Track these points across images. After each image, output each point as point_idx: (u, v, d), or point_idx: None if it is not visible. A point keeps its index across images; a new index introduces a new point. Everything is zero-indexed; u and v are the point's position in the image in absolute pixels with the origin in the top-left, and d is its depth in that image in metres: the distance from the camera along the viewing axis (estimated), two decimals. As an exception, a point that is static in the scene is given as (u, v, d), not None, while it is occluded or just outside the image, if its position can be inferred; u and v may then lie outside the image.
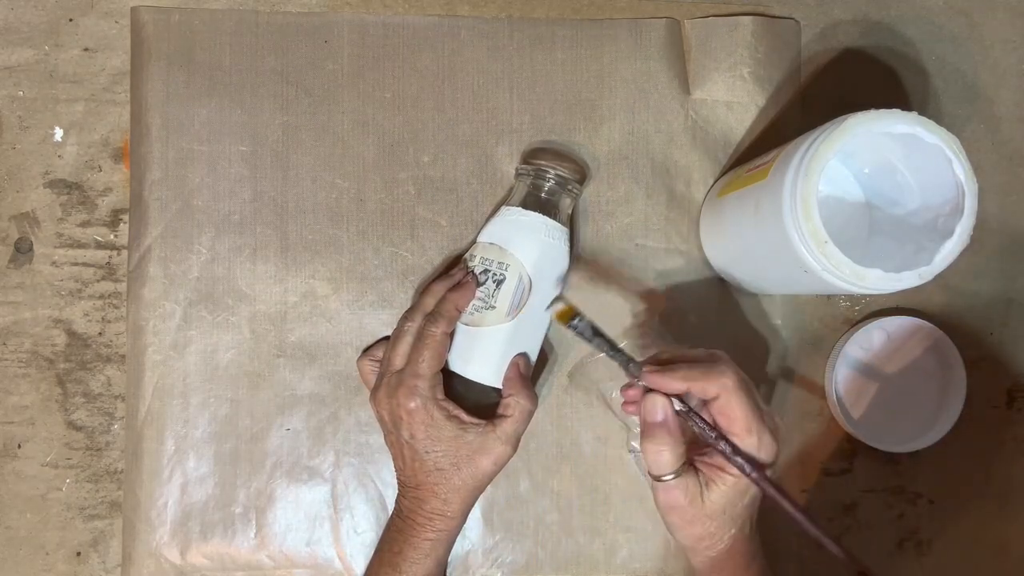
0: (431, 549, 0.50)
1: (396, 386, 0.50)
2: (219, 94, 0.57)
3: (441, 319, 0.50)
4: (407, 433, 0.50)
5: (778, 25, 0.59)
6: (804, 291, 0.57)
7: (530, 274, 0.52)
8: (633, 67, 0.58)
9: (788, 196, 0.43)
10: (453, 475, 0.50)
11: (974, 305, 0.60)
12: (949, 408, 0.58)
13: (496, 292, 0.52)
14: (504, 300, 0.52)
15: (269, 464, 0.57)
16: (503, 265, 0.52)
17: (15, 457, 0.57)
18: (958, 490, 0.60)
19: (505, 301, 0.52)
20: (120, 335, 0.58)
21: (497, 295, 0.52)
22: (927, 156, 0.45)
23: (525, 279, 0.52)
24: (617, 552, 0.58)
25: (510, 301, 0.52)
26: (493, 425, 0.50)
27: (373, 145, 0.58)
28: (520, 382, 0.52)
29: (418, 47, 0.58)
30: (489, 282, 0.52)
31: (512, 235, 0.53)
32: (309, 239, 0.58)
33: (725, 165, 0.59)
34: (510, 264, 0.52)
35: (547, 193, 0.54)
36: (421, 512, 0.50)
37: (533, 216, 0.53)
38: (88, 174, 0.58)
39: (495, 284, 0.52)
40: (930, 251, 0.44)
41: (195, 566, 0.56)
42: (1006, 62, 0.61)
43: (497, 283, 0.52)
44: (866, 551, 0.59)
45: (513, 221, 0.53)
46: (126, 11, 0.58)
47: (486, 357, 0.52)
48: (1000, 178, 0.60)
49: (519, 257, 0.52)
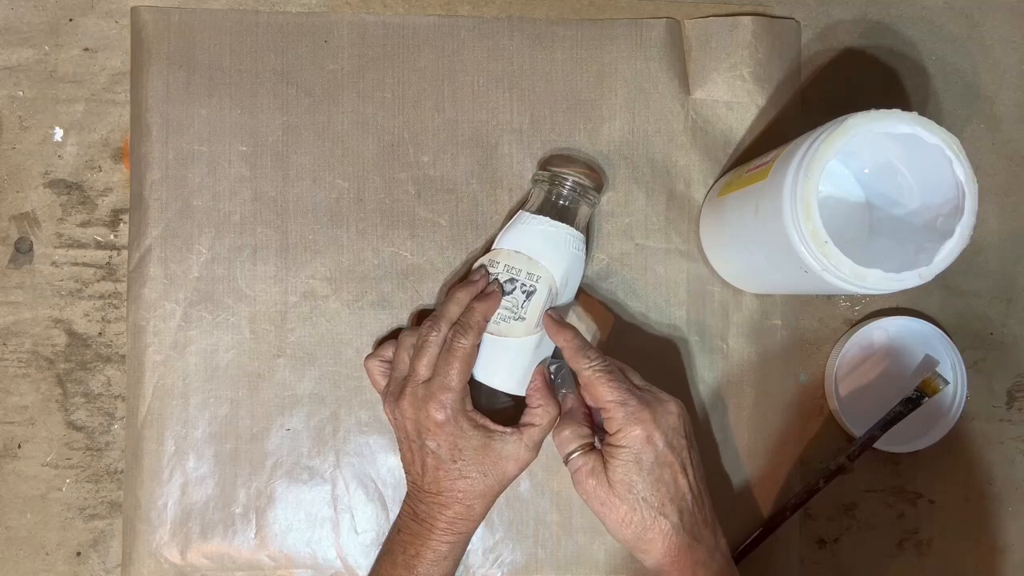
0: (450, 551, 0.51)
1: (425, 398, 0.50)
2: (219, 94, 0.57)
3: (470, 331, 0.50)
4: (433, 444, 0.50)
5: (778, 25, 0.59)
6: (804, 291, 0.57)
7: (558, 286, 0.52)
8: (633, 67, 0.58)
9: (788, 196, 0.43)
10: (479, 482, 0.50)
11: (974, 305, 0.60)
12: (949, 408, 0.58)
13: (526, 303, 0.52)
14: (534, 312, 0.52)
15: (269, 464, 0.57)
16: (533, 276, 0.52)
17: (15, 457, 0.57)
18: (958, 490, 0.60)
19: (535, 313, 0.52)
20: (120, 335, 0.58)
21: (527, 306, 0.52)
22: (927, 156, 0.45)
23: (554, 291, 0.52)
24: (617, 552, 0.58)
25: (540, 313, 0.52)
26: (520, 433, 0.51)
27: (373, 145, 0.58)
28: (547, 391, 0.52)
29: (418, 47, 0.58)
30: (517, 292, 0.52)
31: (541, 246, 0.52)
32: (309, 239, 0.58)
33: (725, 165, 0.59)
34: (541, 276, 0.52)
35: (566, 200, 0.54)
36: (443, 517, 0.50)
37: (561, 227, 0.52)
38: (88, 174, 0.58)
39: (524, 295, 0.52)
40: (930, 251, 0.44)
41: (195, 566, 0.56)
42: (1006, 62, 0.61)
43: (527, 294, 0.52)
44: (866, 551, 0.59)
45: (541, 231, 0.52)
46: (126, 11, 0.58)
47: (513, 368, 0.52)
48: (1000, 178, 0.60)
49: (550, 269, 0.52)
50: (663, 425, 0.47)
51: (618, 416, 0.47)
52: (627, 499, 0.46)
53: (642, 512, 0.46)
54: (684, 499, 0.47)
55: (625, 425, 0.47)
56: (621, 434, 0.47)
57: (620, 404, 0.47)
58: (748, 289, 0.58)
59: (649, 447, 0.47)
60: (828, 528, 0.59)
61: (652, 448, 0.47)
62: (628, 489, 0.46)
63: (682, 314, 0.58)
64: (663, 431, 0.47)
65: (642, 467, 0.46)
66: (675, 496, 0.47)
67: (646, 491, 0.46)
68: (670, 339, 0.58)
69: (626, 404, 0.47)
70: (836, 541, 0.59)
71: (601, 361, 0.49)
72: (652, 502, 0.46)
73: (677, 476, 0.47)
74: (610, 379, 0.48)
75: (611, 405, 0.47)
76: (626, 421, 0.47)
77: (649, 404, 0.47)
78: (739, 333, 0.59)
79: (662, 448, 0.47)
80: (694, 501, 0.47)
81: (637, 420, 0.47)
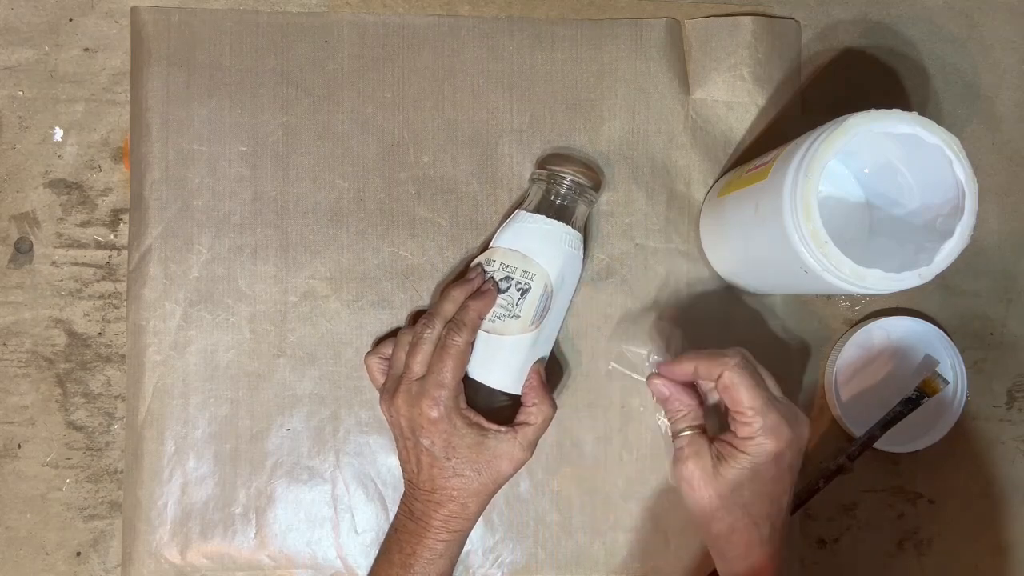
0: (446, 550, 0.51)
1: (418, 395, 0.50)
2: (219, 94, 0.57)
3: (464, 328, 0.50)
4: (427, 441, 0.50)
5: (778, 25, 0.59)
6: (804, 291, 0.57)
7: (553, 284, 0.52)
8: (633, 67, 0.58)
9: (788, 196, 0.43)
10: (473, 480, 0.50)
11: (974, 305, 0.60)
12: (949, 408, 0.58)
13: (521, 301, 0.52)
14: (529, 310, 0.52)
15: (269, 464, 0.57)
16: (528, 274, 0.52)
17: (15, 457, 0.57)
18: (958, 490, 0.60)
19: (530, 311, 0.52)
20: (120, 335, 0.58)
21: (522, 304, 0.52)
22: (927, 156, 0.45)
23: (549, 288, 0.52)
24: (617, 552, 0.58)
25: (535, 311, 0.52)
26: (515, 432, 0.51)
27: (373, 145, 0.58)
28: (542, 390, 0.52)
29: (418, 47, 0.58)
30: (512, 290, 0.52)
31: (536, 244, 0.52)
32: (309, 239, 0.58)
33: (725, 165, 0.59)
34: (535, 273, 0.52)
35: (563, 199, 0.54)
36: (437, 515, 0.50)
37: (557, 225, 0.53)
38: (88, 174, 0.58)
39: (519, 293, 0.52)
40: (930, 251, 0.44)
41: (195, 566, 0.56)
42: (1006, 62, 0.61)
43: (522, 292, 0.52)
44: (866, 551, 0.59)
45: (536, 229, 0.53)
46: (126, 11, 0.58)
47: (508, 365, 0.52)
48: (1000, 178, 0.60)
49: (544, 267, 0.52)
50: (795, 446, 0.46)
51: (755, 424, 0.45)
52: (727, 499, 0.46)
53: (736, 516, 0.46)
54: (780, 515, 0.47)
55: (760, 435, 0.45)
56: (752, 443, 0.46)
57: (760, 414, 0.45)
58: (748, 289, 0.58)
59: (774, 464, 0.46)
60: (828, 528, 0.59)
61: (776, 466, 0.46)
62: (732, 491, 0.46)
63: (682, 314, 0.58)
64: (793, 452, 0.46)
65: (757, 477, 0.46)
66: (774, 511, 0.47)
67: (751, 500, 0.46)
68: (670, 339, 0.58)
69: (766, 415, 0.45)
70: (836, 541, 0.59)
71: (741, 358, 0.47)
72: (751, 511, 0.46)
73: (784, 494, 0.47)
74: (752, 383, 0.46)
75: (750, 412, 0.45)
76: (762, 432, 0.45)
77: (788, 421, 0.46)
78: (739, 333, 0.59)
79: (784, 467, 0.46)
80: (786, 516, 0.47)
81: (774, 435, 0.45)
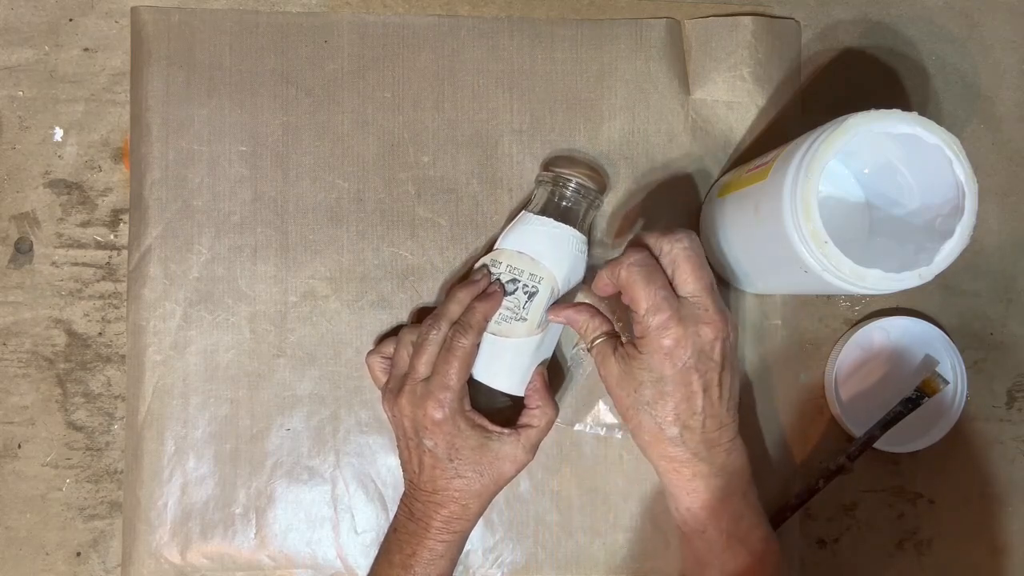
0: (446, 550, 0.51)
1: (423, 396, 0.50)
2: (219, 94, 0.57)
3: (470, 330, 0.50)
4: (430, 442, 0.50)
5: (778, 25, 0.59)
6: (804, 291, 0.57)
7: (560, 287, 0.52)
8: (633, 67, 0.58)
9: (788, 196, 0.43)
10: (475, 481, 0.50)
11: (974, 305, 0.60)
12: (949, 408, 0.58)
13: (528, 304, 0.52)
14: (536, 313, 0.52)
15: (269, 464, 0.57)
16: (535, 277, 0.52)
17: (15, 457, 0.57)
18: (958, 490, 0.60)
19: (537, 314, 0.52)
20: (120, 335, 0.58)
21: (529, 307, 0.52)
22: (927, 156, 0.45)
23: (556, 292, 0.52)
24: (617, 552, 0.58)
25: (542, 314, 0.52)
26: (518, 434, 0.51)
27: (373, 145, 0.58)
28: (546, 392, 0.52)
29: (418, 47, 0.58)
30: (519, 293, 0.52)
31: (544, 247, 0.52)
32: (309, 239, 0.58)
33: (725, 165, 0.59)
34: (543, 277, 0.52)
35: (569, 202, 0.53)
36: (438, 516, 0.50)
37: (565, 229, 0.52)
38: (88, 174, 0.58)
39: (527, 296, 0.52)
40: (930, 251, 0.44)
41: (195, 566, 0.56)
42: (1006, 62, 0.61)
43: (529, 295, 0.52)
44: (866, 551, 0.59)
45: (545, 232, 0.52)
46: (126, 11, 0.58)
47: (513, 368, 0.52)
48: (1000, 178, 0.60)
49: (552, 270, 0.52)
50: (690, 345, 0.46)
51: (646, 322, 0.46)
52: (633, 399, 0.48)
53: (643, 416, 0.48)
54: (693, 417, 0.47)
55: (651, 333, 0.46)
56: (643, 341, 0.47)
57: (650, 312, 0.46)
58: (748, 289, 0.58)
59: (668, 362, 0.46)
60: (828, 528, 0.59)
61: (672, 364, 0.46)
62: (636, 391, 0.47)
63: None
64: (689, 351, 0.46)
65: (658, 378, 0.47)
66: (682, 413, 0.47)
67: (652, 400, 0.47)
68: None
69: (656, 314, 0.46)
70: (836, 541, 0.59)
71: (640, 256, 0.47)
72: (655, 412, 0.47)
73: (693, 396, 0.47)
74: (645, 282, 0.46)
75: (642, 310, 0.46)
76: (654, 330, 0.46)
77: (683, 320, 0.46)
78: (739, 333, 0.59)
79: (683, 367, 0.46)
80: (707, 421, 0.47)
81: (663, 333, 0.46)
